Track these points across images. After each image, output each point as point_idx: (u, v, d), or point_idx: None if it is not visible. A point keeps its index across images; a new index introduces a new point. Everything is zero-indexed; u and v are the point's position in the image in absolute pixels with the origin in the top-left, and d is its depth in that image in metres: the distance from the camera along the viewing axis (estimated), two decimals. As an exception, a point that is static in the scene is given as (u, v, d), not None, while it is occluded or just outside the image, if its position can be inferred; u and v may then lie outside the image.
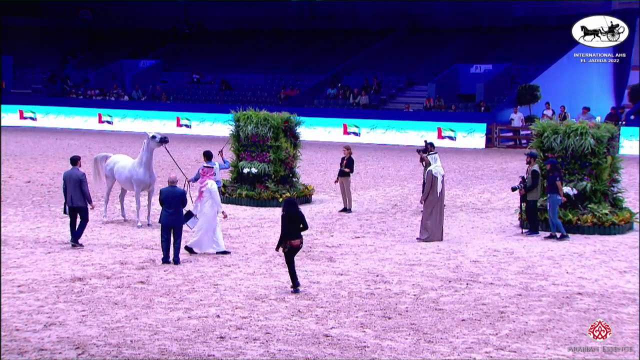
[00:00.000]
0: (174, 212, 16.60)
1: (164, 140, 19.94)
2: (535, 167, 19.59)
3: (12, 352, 11.65)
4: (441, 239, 19.06)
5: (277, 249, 15.12)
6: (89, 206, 18.31)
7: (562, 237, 19.18)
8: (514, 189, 20.26)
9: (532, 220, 19.78)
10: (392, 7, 52.84)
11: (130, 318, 13.22)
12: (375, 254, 17.80)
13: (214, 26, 58.64)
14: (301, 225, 14.78)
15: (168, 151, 21.05)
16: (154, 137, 19.91)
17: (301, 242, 14.91)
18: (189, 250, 17.50)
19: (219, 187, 18.85)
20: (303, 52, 53.93)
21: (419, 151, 22.18)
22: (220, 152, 19.54)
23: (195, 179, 19.34)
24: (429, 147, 21.63)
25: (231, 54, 55.37)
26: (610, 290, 15.14)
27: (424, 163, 21.41)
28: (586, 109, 38.51)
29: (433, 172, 19.25)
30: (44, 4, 62.97)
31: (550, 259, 17.43)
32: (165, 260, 16.61)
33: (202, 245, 17.56)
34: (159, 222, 16.97)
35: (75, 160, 18.59)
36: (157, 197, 17.20)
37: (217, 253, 17.49)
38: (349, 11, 55.08)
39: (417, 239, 19.20)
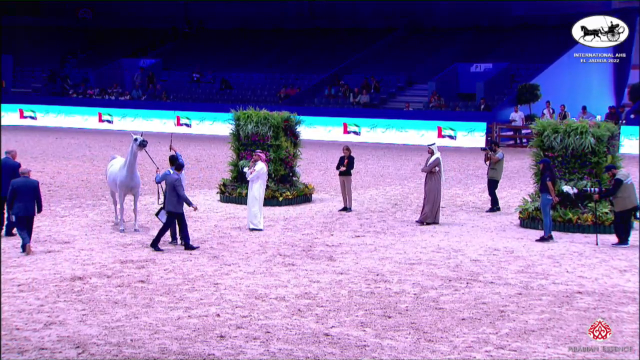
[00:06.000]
0: (28, 201, 17.23)
1: (142, 144, 19.56)
2: (619, 175, 18.72)
3: (12, 351, 11.65)
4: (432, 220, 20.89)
5: None
6: (191, 207, 18.08)
7: (543, 239, 18.97)
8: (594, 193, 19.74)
9: (620, 231, 18.70)
10: (392, 6, 52.85)
11: (130, 317, 13.22)
12: (375, 253, 17.79)
13: (214, 25, 58.64)
14: None
15: (147, 153, 20.69)
16: (135, 139, 19.68)
17: None
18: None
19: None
20: (303, 51, 53.92)
21: (483, 149, 24.11)
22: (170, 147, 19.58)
23: (159, 181, 19.11)
24: (493, 146, 23.47)
25: (231, 53, 55.37)
26: (610, 289, 15.14)
27: (487, 162, 23.27)
28: (587, 110, 38.47)
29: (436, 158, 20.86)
30: (44, 3, 62.96)
31: (550, 258, 17.43)
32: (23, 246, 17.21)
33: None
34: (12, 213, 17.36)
35: (173, 162, 18.55)
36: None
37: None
38: (349, 10, 55.09)
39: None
